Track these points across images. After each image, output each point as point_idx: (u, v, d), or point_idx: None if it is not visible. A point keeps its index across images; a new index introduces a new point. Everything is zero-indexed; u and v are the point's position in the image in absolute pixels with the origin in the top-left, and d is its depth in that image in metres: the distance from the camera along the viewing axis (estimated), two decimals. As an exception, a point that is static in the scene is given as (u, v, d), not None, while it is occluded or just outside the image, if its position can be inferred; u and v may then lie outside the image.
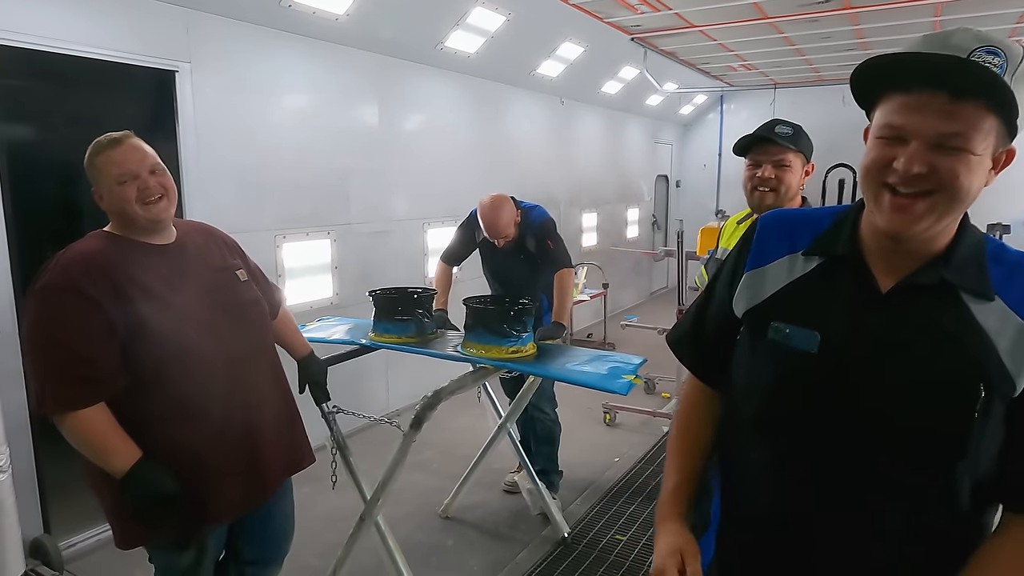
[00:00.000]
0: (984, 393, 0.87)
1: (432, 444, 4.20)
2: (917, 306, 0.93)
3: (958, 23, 5.81)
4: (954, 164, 0.84)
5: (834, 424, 0.95)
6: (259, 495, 1.84)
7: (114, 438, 1.59)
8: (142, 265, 1.67)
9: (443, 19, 4.55)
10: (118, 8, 3.07)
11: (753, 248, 1.10)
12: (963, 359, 0.89)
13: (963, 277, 0.92)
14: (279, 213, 3.95)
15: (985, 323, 0.90)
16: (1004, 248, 0.97)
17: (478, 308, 2.51)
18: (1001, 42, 0.83)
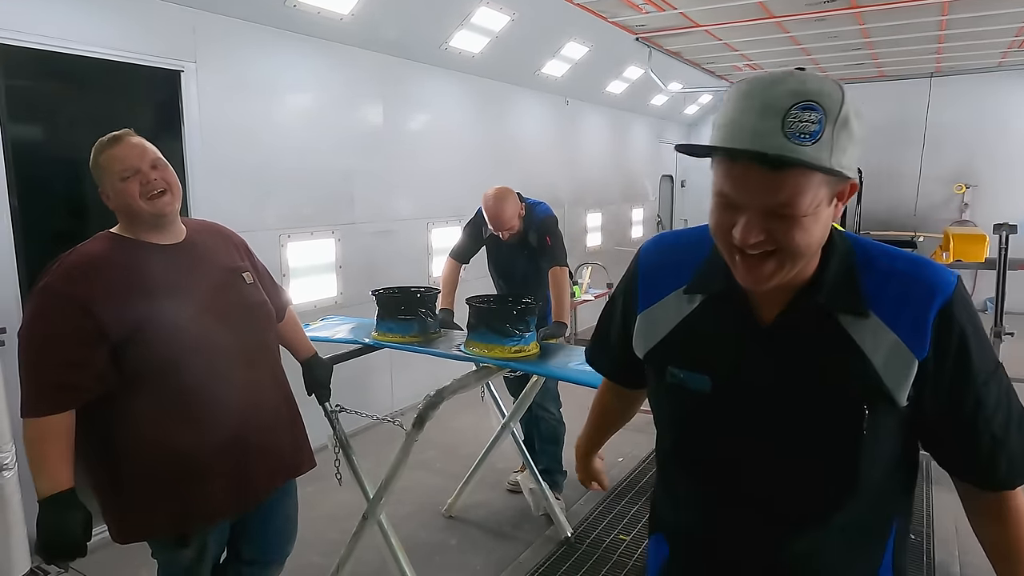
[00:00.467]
0: (868, 412, 0.92)
1: (435, 443, 4.20)
2: (797, 335, 0.96)
3: (963, 23, 5.79)
4: (788, 228, 0.85)
5: (739, 454, 1.01)
6: (249, 499, 1.81)
7: (52, 459, 1.55)
8: (146, 266, 1.67)
9: (448, 19, 4.55)
10: (124, 8, 3.09)
11: (640, 288, 1.12)
12: (842, 381, 0.93)
13: (836, 298, 0.94)
14: (284, 212, 3.97)
15: (861, 341, 0.93)
16: (871, 253, 0.97)
17: (481, 307, 2.51)
18: (819, 93, 0.81)
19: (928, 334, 0.91)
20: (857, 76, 8.59)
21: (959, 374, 0.92)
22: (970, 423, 0.94)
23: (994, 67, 8.02)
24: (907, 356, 0.91)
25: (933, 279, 0.94)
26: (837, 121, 0.81)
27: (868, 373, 0.92)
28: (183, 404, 1.65)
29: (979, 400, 0.93)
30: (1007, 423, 0.95)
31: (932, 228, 8.27)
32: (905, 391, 0.91)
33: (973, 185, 8.37)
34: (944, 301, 0.91)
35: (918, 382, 0.92)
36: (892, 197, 8.69)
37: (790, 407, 0.96)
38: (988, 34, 6.30)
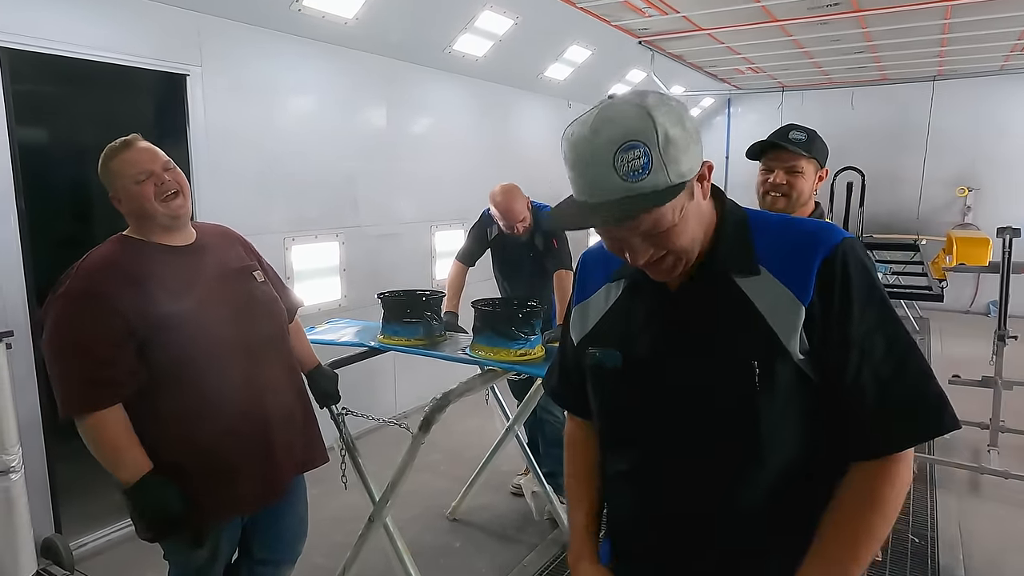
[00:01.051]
0: (759, 365, 0.95)
1: (440, 446, 4.21)
2: (698, 301, 1.02)
3: (966, 26, 5.80)
4: (666, 239, 0.94)
5: (660, 427, 1.05)
6: (273, 492, 1.86)
7: (128, 447, 1.63)
8: (161, 266, 1.71)
9: (451, 23, 4.57)
10: (130, 12, 3.10)
11: (577, 284, 1.22)
12: (735, 338, 0.98)
13: (729, 260, 1.00)
14: (288, 215, 3.98)
15: (754, 297, 0.98)
16: (768, 218, 1.05)
17: (486, 311, 2.52)
18: (632, 131, 0.88)
19: (812, 281, 0.95)
20: (860, 79, 8.59)
21: (843, 322, 0.94)
22: (854, 373, 0.95)
23: (996, 71, 8.02)
24: (793, 303, 0.95)
25: (821, 232, 0.99)
26: (659, 144, 0.88)
27: (759, 326, 0.96)
28: (206, 401, 1.69)
29: (863, 350, 0.94)
30: (895, 378, 0.95)
31: (935, 231, 8.26)
32: (795, 339, 0.94)
33: (976, 188, 8.37)
34: (829, 250, 0.96)
35: (809, 332, 0.95)
36: (894, 200, 8.68)
37: (691, 370, 1.00)
38: (991, 38, 6.31)
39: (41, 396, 2.89)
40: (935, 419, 0.95)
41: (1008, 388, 3.93)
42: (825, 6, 5.17)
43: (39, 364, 2.84)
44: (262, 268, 1.98)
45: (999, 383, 3.89)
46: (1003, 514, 3.48)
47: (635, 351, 1.06)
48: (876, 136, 8.66)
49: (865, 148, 8.30)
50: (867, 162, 7.42)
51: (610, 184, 0.89)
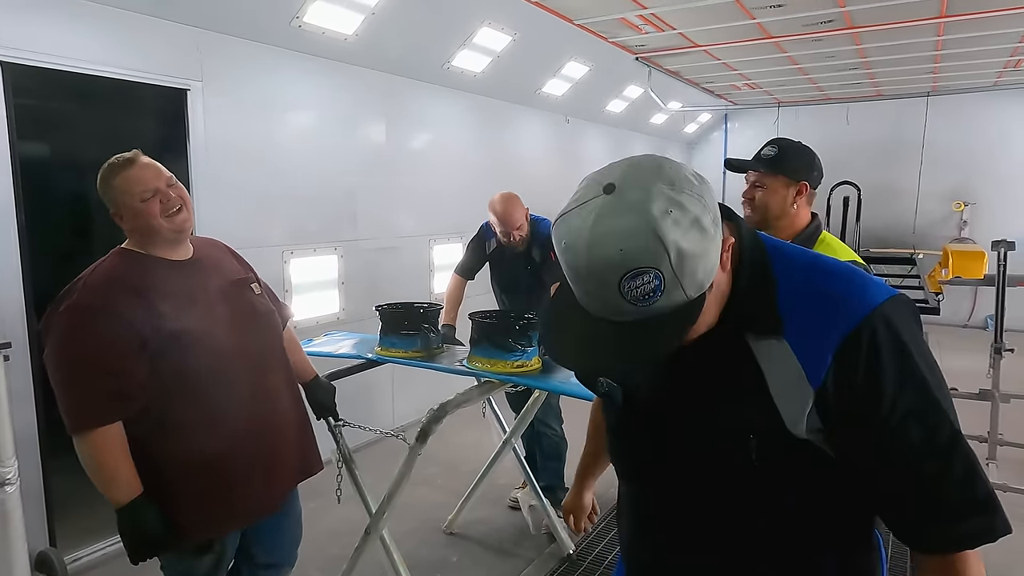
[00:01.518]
0: (756, 439, 0.87)
1: (437, 459, 4.19)
2: (699, 353, 0.90)
3: (959, 43, 5.86)
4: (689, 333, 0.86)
5: (657, 470, 1.02)
6: (277, 499, 1.89)
7: (123, 467, 1.63)
8: (165, 280, 1.73)
9: (450, 39, 4.62)
10: (131, 27, 3.13)
11: None
12: (734, 407, 0.90)
13: (746, 321, 0.89)
14: (287, 229, 4.00)
15: (762, 361, 0.87)
16: (791, 268, 0.92)
17: (483, 323, 2.53)
18: (645, 256, 0.74)
19: (828, 362, 0.84)
20: (855, 95, 8.67)
21: (866, 409, 0.83)
22: (890, 469, 0.84)
23: (990, 87, 8.10)
24: (802, 383, 0.84)
25: (845, 300, 0.86)
26: (672, 265, 0.75)
27: (762, 399, 0.86)
28: (213, 414, 1.72)
29: (895, 442, 0.83)
30: (937, 478, 0.82)
31: (931, 245, 8.30)
32: (801, 422, 0.84)
33: (972, 203, 8.42)
34: (853, 325, 0.83)
35: (822, 413, 0.84)
36: (891, 214, 8.73)
37: (687, 430, 0.95)
38: (983, 54, 6.38)
39: (38, 408, 2.89)
40: (985, 525, 0.83)
41: (1006, 401, 3.93)
42: (819, 23, 5.24)
43: (36, 377, 2.84)
44: (257, 280, 2.01)
45: (996, 396, 3.89)
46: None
47: (634, 393, 1.02)
48: (871, 151, 8.73)
49: (861, 163, 8.36)
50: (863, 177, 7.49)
51: (619, 306, 0.78)
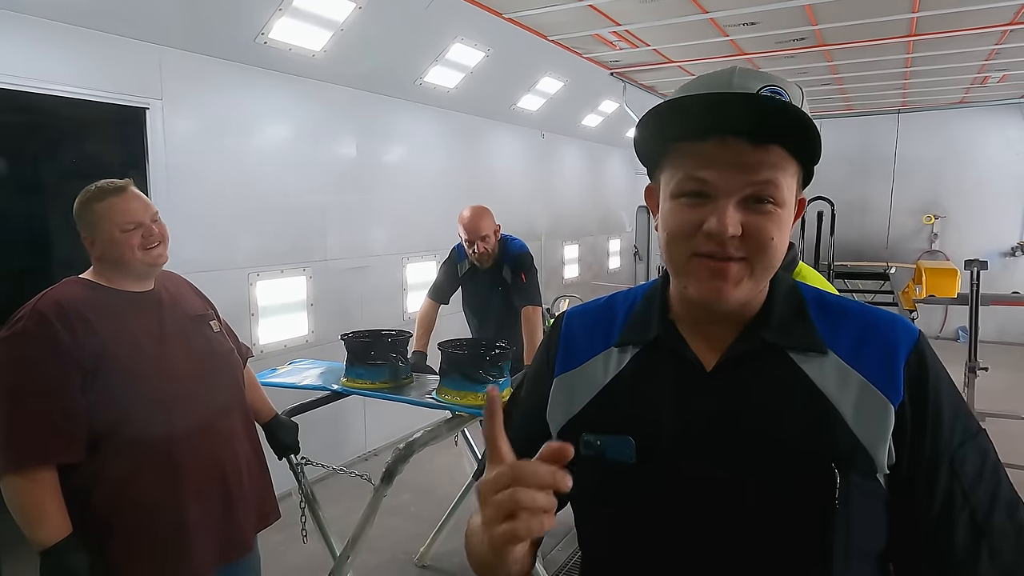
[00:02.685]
0: (840, 475, 0.72)
1: (410, 486, 4.07)
2: (744, 381, 0.79)
3: (928, 60, 5.94)
4: (766, 223, 0.74)
5: (683, 539, 0.79)
6: (235, 549, 1.80)
7: (51, 506, 1.52)
8: (121, 313, 1.65)
9: (422, 55, 4.55)
10: (87, 45, 3.01)
11: (560, 347, 0.92)
12: (806, 436, 0.75)
13: (788, 335, 0.79)
14: (253, 250, 3.87)
15: (823, 385, 0.76)
16: (823, 295, 0.86)
17: (453, 353, 2.44)
18: (782, 81, 0.76)
19: (901, 377, 0.75)
20: (827, 111, 8.77)
21: (936, 433, 0.75)
22: (944, 497, 0.75)
23: (957, 103, 8.25)
24: (880, 401, 0.75)
25: (895, 321, 0.81)
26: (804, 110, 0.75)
27: (834, 422, 0.75)
28: (162, 459, 1.62)
29: (954, 467, 0.76)
30: (992, 503, 0.76)
31: (903, 259, 8.40)
32: (884, 447, 0.74)
33: (942, 216, 8.54)
34: (913, 344, 0.78)
35: (896, 439, 0.74)
36: (864, 229, 8.83)
37: (738, 474, 0.75)
38: (951, 71, 6.48)
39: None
40: None
41: (981, 420, 3.92)
42: (792, 41, 5.27)
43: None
44: (217, 317, 1.93)
45: (972, 415, 3.88)
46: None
47: (654, 440, 0.79)
48: (845, 166, 8.83)
49: (834, 178, 8.45)
50: (836, 192, 7.56)
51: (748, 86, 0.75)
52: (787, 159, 0.75)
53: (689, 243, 0.76)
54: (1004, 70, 6.45)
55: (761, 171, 0.73)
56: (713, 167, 0.74)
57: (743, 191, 0.74)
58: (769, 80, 0.76)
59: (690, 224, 0.75)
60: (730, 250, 0.74)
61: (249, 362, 2.12)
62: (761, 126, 0.72)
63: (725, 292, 0.75)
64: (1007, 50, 5.58)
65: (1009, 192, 8.22)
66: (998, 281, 7.41)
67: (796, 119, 0.72)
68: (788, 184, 0.75)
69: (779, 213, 0.75)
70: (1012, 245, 8.24)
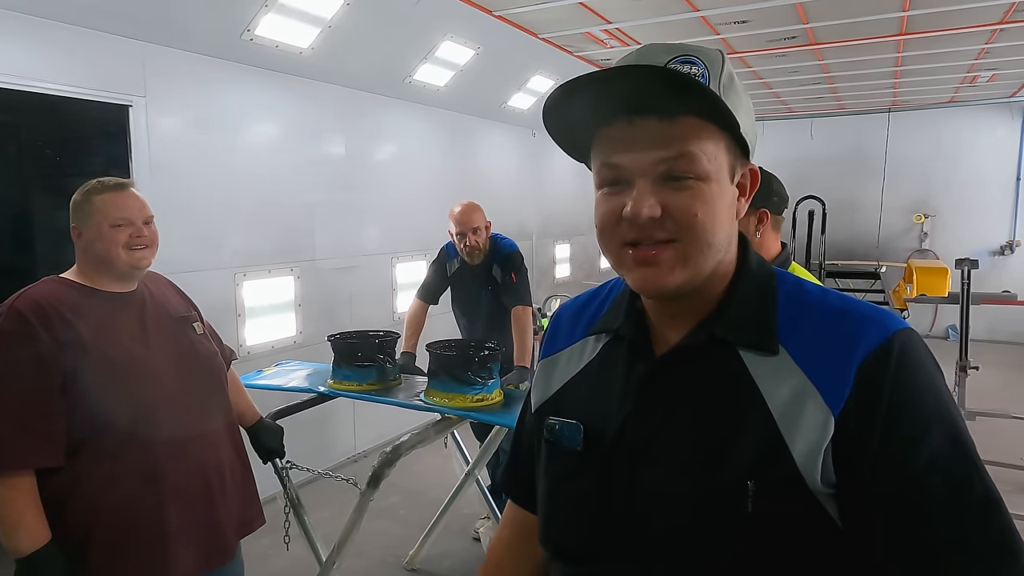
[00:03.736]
0: (755, 485, 0.67)
1: (399, 488, 4.04)
2: (683, 377, 0.75)
3: (919, 59, 5.95)
4: (687, 200, 0.69)
5: (609, 543, 0.76)
6: (218, 556, 1.76)
7: (29, 513, 1.48)
8: (103, 315, 1.62)
9: (411, 53, 4.50)
10: (69, 42, 2.95)
11: (548, 334, 0.94)
12: (724, 441, 0.70)
13: (738, 330, 0.74)
14: (240, 250, 3.82)
15: (763, 385, 0.70)
16: (803, 285, 0.78)
17: (442, 355, 2.41)
18: (697, 49, 0.71)
19: (850, 381, 0.66)
20: (818, 109, 8.78)
21: (886, 451, 0.65)
22: (894, 534, 0.65)
23: (947, 102, 8.27)
24: (818, 405, 0.67)
25: (868, 317, 0.71)
26: (722, 78, 0.71)
27: (762, 425, 0.68)
28: (143, 464, 1.59)
29: (911, 496, 0.65)
30: (956, 548, 0.64)
31: (894, 257, 8.42)
32: (817, 462, 0.66)
33: (932, 215, 8.57)
34: (879, 343, 0.67)
35: (838, 455, 0.66)
36: (855, 227, 8.84)
37: (664, 471, 0.73)
38: (941, 71, 6.49)
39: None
40: None
41: (971, 419, 3.93)
42: (783, 39, 5.26)
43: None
44: (200, 319, 1.89)
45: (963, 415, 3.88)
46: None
47: (598, 432, 0.79)
48: (835, 165, 8.84)
49: (825, 177, 8.47)
50: (827, 191, 7.57)
51: (656, 61, 0.70)
52: (705, 128, 0.70)
53: (616, 233, 0.73)
54: (994, 69, 6.46)
55: (672, 145, 0.69)
56: (623, 150, 0.70)
57: (656, 169, 0.69)
58: (681, 51, 0.71)
59: (612, 213, 0.72)
60: (654, 233, 0.70)
61: (235, 364, 2.09)
62: (660, 98, 0.68)
63: (658, 279, 0.72)
64: (997, 49, 5.58)
65: (998, 191, 8.26)
66: (987, 280, 7.44)
67: (691, 89, 0.67)
68: (710, 155, 0.70)
69: (702, 187, 0.70)
70: (1001, 244, 8.28)
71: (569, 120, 0.74)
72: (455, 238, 3.24)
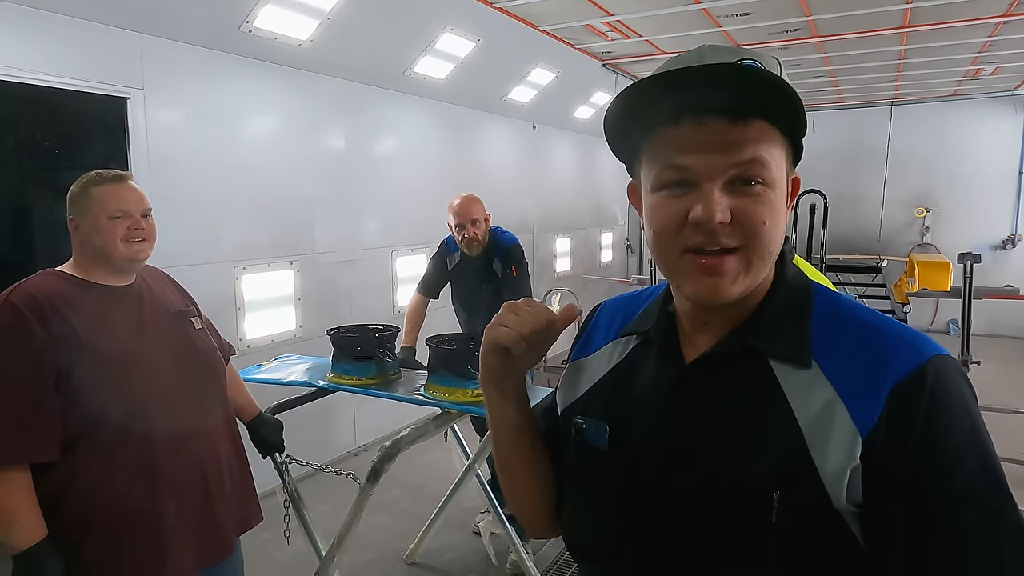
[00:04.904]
0: (781, 497, 0.66)
1: (399, 482, 4.04)
2: (713, 384, 0.74)
3: (922, 52, 5.91)
4: (756, 206, 0.68)
5: (632, 545, 0.76)
6: (216, 552, 1.75)
7: (25, 509, 1.47)
8: (99, 309, 1.60)
9: (411, 45, 4.48)
10: (66, 34, 2.93)
11: (583, 337, 0.95)
12: (751, 450, 0.69)
13: (772, 340, 0.73)
14: (239, 244, 3.81)
15: (790, 395, 0.70)
16: (839, 300, 0.77)
17: (441, 349, 2.39)
18: (759, 54, 0.71)
19: (881, 403, 0.65)
20: (820, 103, 8.75)
21: (917, 478, 0.64)
22: (919, 564, 0.64)
23: (949, 96, 8.24)
24: (846, 424, 0.66)
25: (905, 339, 0.69)
26: (783, 77, 0.71)
27: (789, 437, 0.68)
28: (140, 460, 1.58)
29: (939, 528, 0.63)
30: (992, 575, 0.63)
31: (895, 252, 8.40)
32: (842, 478, 0.65)
33: (933, 209, 8.55)
34: (913, 367, 0.66)
35: (866, 477, 0.65)
36: (856, 221, 8.82)
37: (686, 479, 0.72)
38: (944, 63, 6.46)
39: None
40: None
41: (972, 413, 3.92)
42: (785, 32, 5.23)
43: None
44: (198, 314, 1.88)
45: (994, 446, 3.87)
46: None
47: (624, 433, 0.78)
48: (837, 159, 8.81)
49: (827, 171, 8.42)
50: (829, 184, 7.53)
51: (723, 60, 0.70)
52: (771, 133, 0.69)
53: (678, 238, 0.70)
54: (997, 62, 6.43)
55: (744, 149, 0.67)
56: (691, 151, 0.68)
57: (727, 173, 0.68)
58: (743, 53, 0.70)
59: (676, 217, 0.70)
60: (721, 239, 0.68)
61: (235, 358, 2.07)
62: (736, 98, 0.67)
63: (721, 289, 0.70)
64: (1000, 42, 5.55)
65: (1001, 185, 8.23)
66: (989, 274, 7.42)
67: (774, 85, 0.67)
68: (776, 161, 0.70)
69: (770, 194, 0.69)
70: (1003, 238, 8.26)
71: (634, 121, 0.72)
72: (454, 230, 3.23)
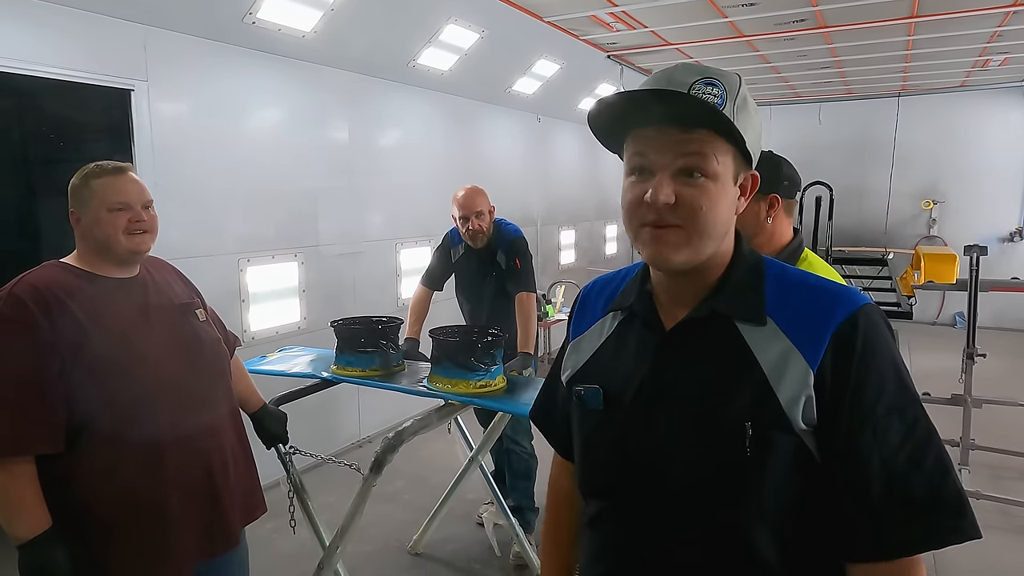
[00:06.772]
0: (752, 428, 0.84)
1: (403, 473, 4.06)
2: (689, 345, 0.93)
3: (928, 43, 5.86)
4: (696, 193, 0.86)
5: (635, 482, 0.94)
6: (221, 543, 1.76)
7: (29, 499, 1.48)
8: (103, 301, 1.60)
9: (415, 36, 4.46)
10: (70, 25, 2.93)
11: (575, 316, 1.13)
12: (728, 393, 0.87)
13: (734, 305, 0.92)
14: (243, 236, 3.81)
15: (756, 350, 0.88)
16: (786, 269, 0.97)
17: (444, 340, 2.40)
18: (718, 73, 0.89)
19: (824, 344, 0.85)
20: (826, 94, 8.68)
21: (856, 398, 0.83)
22: (862, 459, 0.82)
23: (957, 87, 8.17)
24: (799, 363, 0.85)
25: (840, 294, 0.90)
26: (737, 99, 0.87)
27: (758, 383, 0.86)
28: (145, 452, 1.58)
29: (876, 433, 0.82)
30: (909, 469, 0.82)
31: (902, 244, 8.36)
32: (798, 406, 0.84)
33: (940, 201, 8.49)
34: (847, 315, 0.86)
35: (817, 402, 0.84)
36: (862, 214, 8.77)
37: (671, 425, 0.91)
38: (952, 54, 6.40)
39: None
40: (951, 523, 0.81)
41: (978, 406, 3.91)
42: (791, 22, 5.19)
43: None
44: (203, 306, 1.88)
45: (968, 401, 3.87)
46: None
47: (618, 392, 0.97)
48: (843, 151, 8.76)
49: (833, 163, 8.39)
50: (835, 176, 7.50)
51: (685, 80, 0.88)
52: (716, 139, 0.87)
53: (638, 214, 0.90)
54: (1006, 53, 6.37)
55: (689, 145, 0.86)
56: (652, 148, 0.88)
57: (674, 164, 0.86)
58: (705, 73, 0.88)
59: (637, 197, 0.89)
60: (667, 217, 0.87)
61: (239, 350, 2.07)
62: (683, 115, 0.86)
63: (665, 254, 0.89)
64: (1009, 32, 5.50)
65: (1009, 177, 8.17)
66: (996, 267, 7.38)
67: (709, 111, 0.85)
68: (721, 160, 0.87)
69: (710, 185, 0.87)
70: (1011, 230, 8.20)
71: (612, 122, 0.92)
72: (458, 222, 3.22)
